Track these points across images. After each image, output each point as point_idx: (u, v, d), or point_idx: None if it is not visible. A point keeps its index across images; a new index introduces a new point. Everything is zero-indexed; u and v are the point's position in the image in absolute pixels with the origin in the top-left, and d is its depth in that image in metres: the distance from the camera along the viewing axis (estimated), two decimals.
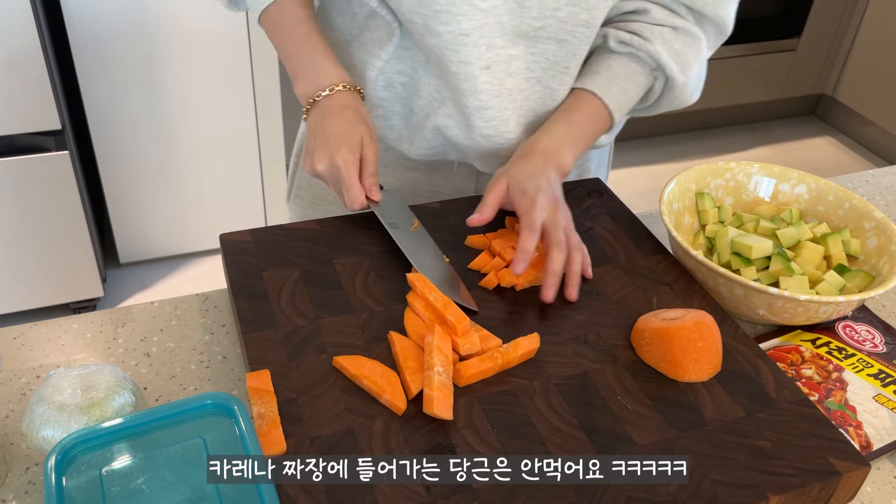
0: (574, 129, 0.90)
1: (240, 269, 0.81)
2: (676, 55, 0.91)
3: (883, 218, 0.91)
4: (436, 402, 0.66)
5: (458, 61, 0.86)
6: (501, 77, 0.89)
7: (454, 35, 0.84)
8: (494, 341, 0.74)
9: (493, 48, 0.86)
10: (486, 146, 0.94)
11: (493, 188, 0.84)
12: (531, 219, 0.80)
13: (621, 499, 0.61)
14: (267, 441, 0.63)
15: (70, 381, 0.65)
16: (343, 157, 0.84)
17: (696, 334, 0.72)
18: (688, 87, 0.95)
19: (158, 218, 2.28)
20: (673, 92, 0.94)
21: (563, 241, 0.80)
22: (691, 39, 0.92)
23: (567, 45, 0.88)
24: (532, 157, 0.86)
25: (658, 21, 0.91)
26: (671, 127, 3.26)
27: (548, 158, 0.86)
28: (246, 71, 2.09)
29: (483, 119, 0.91)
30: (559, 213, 0.82)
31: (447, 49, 0.86)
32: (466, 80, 0.88)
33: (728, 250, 0.89)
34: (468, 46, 0.85)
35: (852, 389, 0.79)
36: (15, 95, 1.79)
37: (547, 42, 0.87)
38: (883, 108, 3.09)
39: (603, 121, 0.92)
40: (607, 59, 0.92)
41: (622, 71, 0.92)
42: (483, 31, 0.85)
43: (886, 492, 0.72)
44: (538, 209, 0.80)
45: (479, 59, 0.86)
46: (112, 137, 2.07)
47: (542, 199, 0.81)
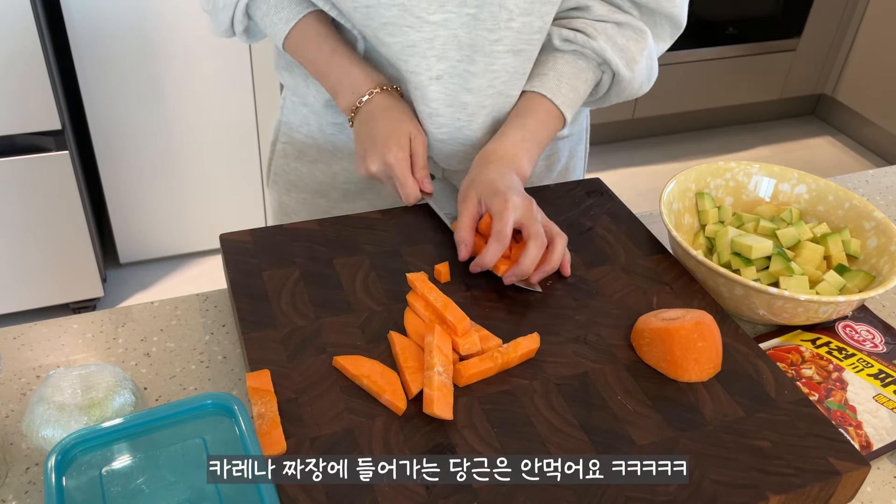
0: (528, 135, 0.91)
1: (240, 269, 0.81)
2: (621, 50, 0.92)
3: (883, 218, 0.91)
4: (436, 402, 0.66)
5: (408, 71, 0.89)
6: (456, 90, 0.90)
7: (401, 46, 0.87)
8: (494, 341, 0.74)
9: (446, 60, 0.88)
10: (441, 149, 0.97)
11: (464, 206, 0.85)
12: (502, 224, 0.80)
13: (621, 499, 0.61)
14: (267, 441, 0.63)
15: (70, 381, 0.65)
16: (394, 156, 0.87)
17: (696, 334, 0.72)
18: (635, 81, 0.95)
19: (158, 218, 2.28)
20: (620, 85, 0.95)
21: (541, 234, 0.80)
22: (635, 33, 0.93)
23: (523, 55, 0.90)
24: (493, 164, 0.87)
25: (600, 17, 0.92)
26: (671, 127, 3.26)
27: (508, 164, 0.87)
28: (246, 71, 2.09)
29: (435, 125, 0.93)
30: (534, 208, 0.83)
31: (396, 59, 0.89)
32: (416, 88, 0.90)
33: (728, 250, 0.89)
34: (416, 57, 0.87)
35: (852, 389, 0.79)
36: (15, 95, 1.79)
37: (505, 56, 0.88)
38: (883, 108, 3.09)
39: (555, 121, 0.93)
40: (553, 58, 0.93)
41: (569, 69, 0.93)
42: (433, 42, 0.86)
43: (886, 492, 0.72)
44: (511, 208, 0.81)
45: (427, 69, 0.88)
46: (112, 137, 2.08)
47: (515, 198, 0.82)
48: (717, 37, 2.94)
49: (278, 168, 1.13)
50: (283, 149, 1.11)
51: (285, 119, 1.09)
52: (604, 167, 3.03)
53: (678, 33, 0.97)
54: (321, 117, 1.04)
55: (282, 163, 1.12)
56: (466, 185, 0.87)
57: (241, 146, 2.23)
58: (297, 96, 1.05)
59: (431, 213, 0.92)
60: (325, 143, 1.06)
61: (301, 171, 1.09)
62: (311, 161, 1.08)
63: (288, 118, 1.09)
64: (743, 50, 3.03)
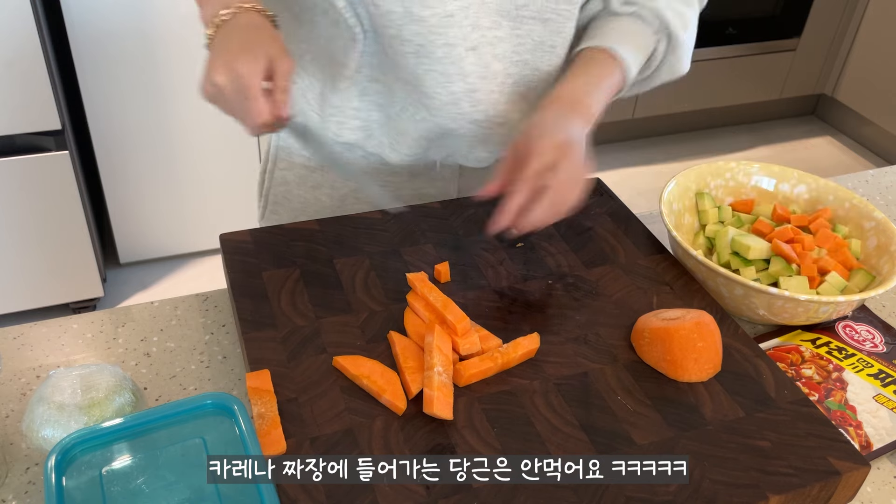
0: (593, 80, 0.87)
1: (240, 269, 0.81)
2: (677, 14, 0.92)
3: (883, 218, 0.91)
4: (436, 402, 0.66)
5: (445, 44, 0.85)
6: (488, 59, 0.88)
7: (439, 17, 0.83)
8: (494, 341, 0.74)
9: (479, 29, 0.85)
10: (475, 134, 0.93)
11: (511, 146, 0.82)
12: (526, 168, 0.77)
13: (621, 499, 0.61)
14: (267, 441, 0.63)
15: (70, 381, 0.65)
16: (246, 63, 0.73)
17: (696, 334, 0.72)
18: (687, 50, 0.94)
19: (158, 218, 2.28)
20: (675, 54, 0.93)
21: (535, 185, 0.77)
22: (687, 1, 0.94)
23: (551, 24, 0.88)
24: (553, 105, 0.84)
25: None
26: (671, 127, 3.26)
27: (573, 105, 0.83)
28: None
29: (471, 103, 0.89)
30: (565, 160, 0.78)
31: (432, 33, 0.84)
32: (453, 62, 0.86)
33: (728, 250, 0.89)
34: (454, 28, 0.84)
35: (852, 389, 0.79)
36: (15, 95, 1.79)
37: (531, 22, 0.87)
38: (883, 108, 3.09)
39: (618, 74, 0.89)
40: (612, 20, 0.92)
41: (629, 28, 0.91)
42: (468, 11, 0.84)
43: (886, 492, 0.72)
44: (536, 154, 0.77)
45: (464, 39, 0.85)
46: (112, 137, 2.07)
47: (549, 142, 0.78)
48: (717, 37, 2.94)
49: (278, 196, 1.07)
50: (282, 176, 1.05)
51: (283, 144, 1.04)
52: (604, 167, 3.03)
53: (702, 8, 0.97)
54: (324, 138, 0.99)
55: (282, 191, 1.06)
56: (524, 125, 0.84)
57: (241, 146, 2.23)
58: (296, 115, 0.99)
59: (432, 214, 0.92)
60: (331, 165, 1.02)
61: (305, 197, 1.05)
62: (315, 186, 1.04)
63: (286, 142, 1.03)
64: (743, 50, 3.03)
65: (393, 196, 1.03)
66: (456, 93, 0.88)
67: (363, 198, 1.04)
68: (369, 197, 1.03)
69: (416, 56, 0.86)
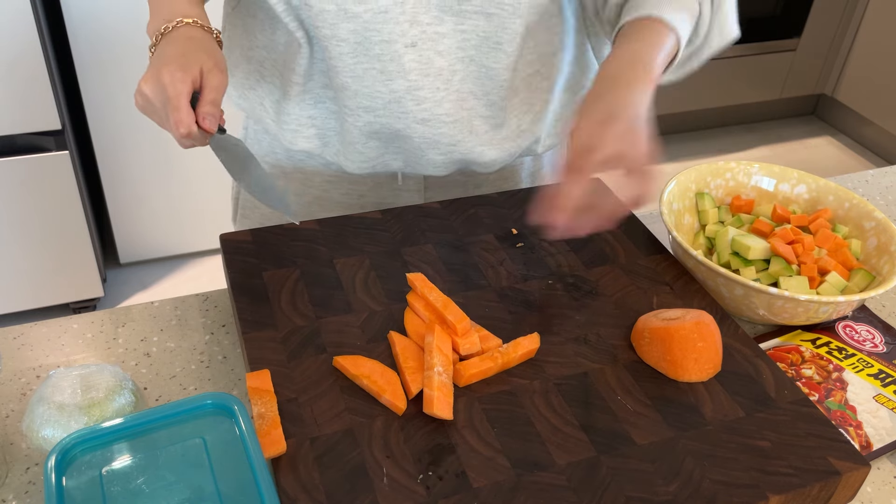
0: (646, 45, 0.79)
1: (240, 269, 0.81)
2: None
3: (883, 218, 0.91)
4: (436, 402, 0.66)
5: (381, 41, 0.83)
6: (430, 55, 0.85)
7: (373, 13, 0.82)
8: (494, 341, 0.74)
9: (418, 24, 0.83)
10: (423, 134, 0.90)
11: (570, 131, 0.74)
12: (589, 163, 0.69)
13: (621, 499, 0.61)
14: (267, 441, 0.63)
15: (70, 381, 0.65)
16: (171, 73, 0.73)
17: (696, 334, 0.72)
18: (732, 7, 0.87)
19: (158, 218, 2.28)
20: (722, 11, 0.86)
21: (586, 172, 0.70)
22: None
23: (496, 19, 0.85)
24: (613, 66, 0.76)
25: None
26: (671, 127, 3.27)
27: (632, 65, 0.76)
28: None
29: (415, 101, 0.87)
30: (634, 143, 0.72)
31: (367, 30, 0.82)
32: (391, 59, 0.84)
33: (728, 250, 0.89)
34: (389, 23, 0.82)
35: (852, 389, 0.79)
36: (15, 95, 1.79)
37: (475, 17, 0.85)
38: (883, 108, 3.09)
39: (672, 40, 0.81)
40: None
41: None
42: (405, 6, 0.82)
43: (886, 492, 0.72)
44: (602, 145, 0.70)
45: (402, 35, 0.83)
46: (112, 137, 2.08)
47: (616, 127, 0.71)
48: None
49: (247, 203, 1.08)
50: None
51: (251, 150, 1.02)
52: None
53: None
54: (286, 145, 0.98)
55: (250, 196, 1.05)
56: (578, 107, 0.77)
57: None
58: (258, 123, 1.00)
59: (433, 214, 0.92)
60: (295, 172, 1.02)
61: None
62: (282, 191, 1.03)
63: (252, 149, 1.03)
64: (743, 50, 3.03)
65: (358, 206, 1.03)
66: (397, 91, 0.87)
67: (327, 206, 1.03)
68: (332, 206, 1.03)
69: (353, 55, 0.85)
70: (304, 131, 0.95)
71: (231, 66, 0.97)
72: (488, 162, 0.95)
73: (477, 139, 0.93)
